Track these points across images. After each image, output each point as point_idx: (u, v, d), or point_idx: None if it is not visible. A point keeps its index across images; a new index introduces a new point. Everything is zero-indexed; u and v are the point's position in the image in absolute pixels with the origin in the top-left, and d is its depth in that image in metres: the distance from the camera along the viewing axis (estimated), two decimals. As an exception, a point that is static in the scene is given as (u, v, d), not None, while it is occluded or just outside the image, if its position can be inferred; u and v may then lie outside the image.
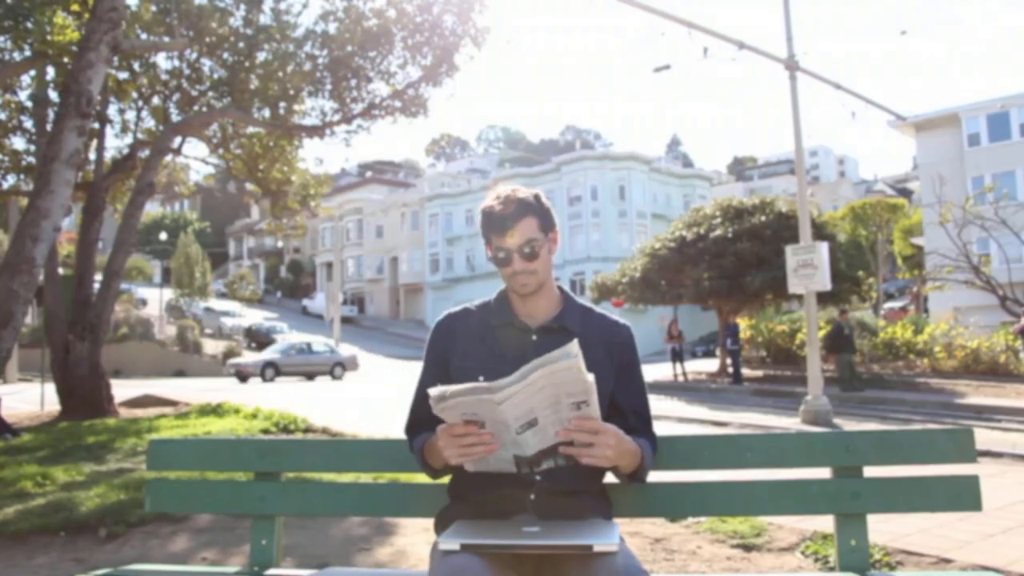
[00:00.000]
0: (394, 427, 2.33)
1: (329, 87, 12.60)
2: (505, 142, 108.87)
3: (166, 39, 11.65)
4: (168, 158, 13.44)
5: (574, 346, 1.55)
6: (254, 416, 9.20)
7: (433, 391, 1.58)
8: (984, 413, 12.71)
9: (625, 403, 1.94)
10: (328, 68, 12.41)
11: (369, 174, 74.97)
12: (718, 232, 20.47)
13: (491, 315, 1.98)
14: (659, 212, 47.17)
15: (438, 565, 1.57)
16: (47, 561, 3.86)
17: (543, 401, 1.59)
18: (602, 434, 1.65)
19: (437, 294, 51.08)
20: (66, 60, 9.13)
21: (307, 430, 8.44)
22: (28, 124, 12.19)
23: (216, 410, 9.93)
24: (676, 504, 2.11)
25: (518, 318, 1.95)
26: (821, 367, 12.75)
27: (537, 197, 1.92)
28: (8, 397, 11.78)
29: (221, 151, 14.13)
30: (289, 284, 64.85)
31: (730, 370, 19.81)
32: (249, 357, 27.85)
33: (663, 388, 19.17)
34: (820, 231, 19.30)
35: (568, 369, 1.54)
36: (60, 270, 11.70)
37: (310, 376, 25.97)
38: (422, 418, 1.94)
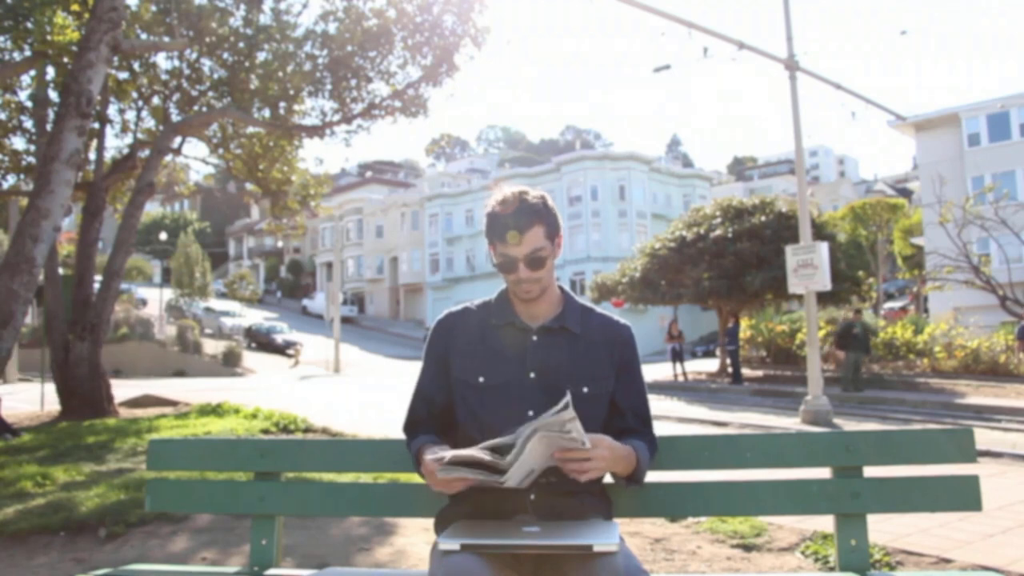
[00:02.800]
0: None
1: (329, 87, 12.59)
2: (505, 142, 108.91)
3: (166, 39, 11.64)
4: (168, 158, 13.42)
5: (572, 423, 1.59)
6: (254, 416, 9.20)
7: (442, 466, 1.63)
8: (984, 413, 12.71)
9: (625, 403, 1.94)
10: (328, 68, 12.41)
11: (369, 174, 74.96)
12: (718, 232, 20.46)
13: (492, 314, 1.97)
14: (659, 212, 47.15)
15: (438, 565, 1.57)
16: (47, 561, 3.85)
17: (539, 456, 1.65)
18: (593, 457, 1.67)
19: (437, 294, 51.06)
20: (66, 60, 9.13)
21: (307, 430, 8.43)
22: (28, 124, 12.17)
23: (216, 410, 9.93)
24: (676, 504, 2.11)
25: (519, 318, 1.95)
26: (821, 367, 12.75)
27: (545, 201, 1.88)
28: (8, 397, 11.77)
29: (221, 151, 14.11)
30: (289, 284, 64.81)
31: (730, 370, 19.80)
32: None
33: (663, 388, 19.17)
34: (820, 231, 19.31)
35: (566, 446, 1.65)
36: (60, 270, 11.68)
37: None
38: (421, 418, 1.94)
